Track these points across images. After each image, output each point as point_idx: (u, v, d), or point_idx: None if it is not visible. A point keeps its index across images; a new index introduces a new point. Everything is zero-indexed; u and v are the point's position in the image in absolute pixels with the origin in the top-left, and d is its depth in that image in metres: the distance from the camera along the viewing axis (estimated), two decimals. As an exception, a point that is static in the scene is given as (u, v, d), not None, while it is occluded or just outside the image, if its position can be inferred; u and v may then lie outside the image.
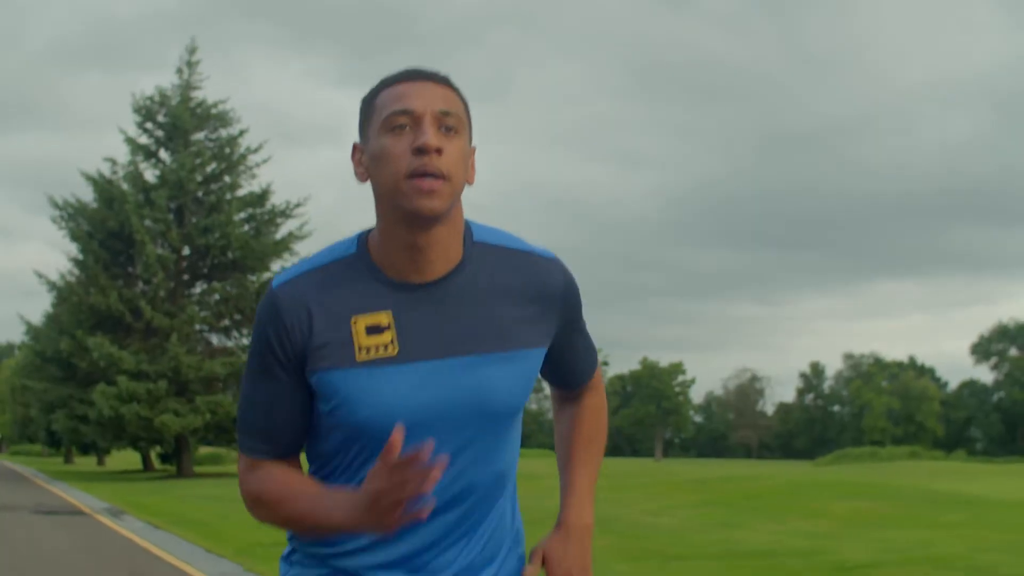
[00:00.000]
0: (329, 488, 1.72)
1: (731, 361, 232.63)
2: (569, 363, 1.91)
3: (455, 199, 1.68)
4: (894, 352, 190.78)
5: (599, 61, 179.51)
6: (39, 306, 36.44)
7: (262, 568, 10.82)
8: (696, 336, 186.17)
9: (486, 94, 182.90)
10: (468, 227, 1.77)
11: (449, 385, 1.69)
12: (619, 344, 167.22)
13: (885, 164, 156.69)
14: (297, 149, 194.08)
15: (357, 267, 1.73)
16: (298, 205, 35.97)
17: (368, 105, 1.73)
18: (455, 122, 1.67)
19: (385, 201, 1.68)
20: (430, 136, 1.63)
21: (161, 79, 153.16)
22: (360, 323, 1.69)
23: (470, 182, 1.72)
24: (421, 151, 1.63)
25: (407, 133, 1.65)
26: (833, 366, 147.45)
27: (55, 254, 36.05)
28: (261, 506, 1.78)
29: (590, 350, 1.96)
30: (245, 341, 35.55)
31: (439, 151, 1.64)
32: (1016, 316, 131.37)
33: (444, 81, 1.71)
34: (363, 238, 1.77)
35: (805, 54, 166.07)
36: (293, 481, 1.76)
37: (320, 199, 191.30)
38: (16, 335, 43.17)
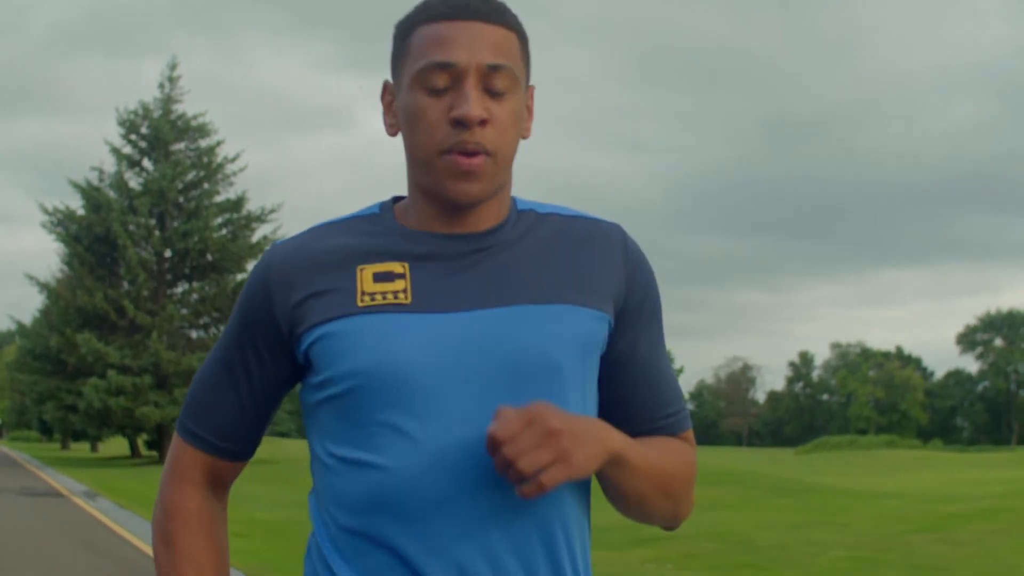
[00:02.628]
0: None
1: (734, 348, 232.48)
2: (642, 383, 1.48)
3: (500, 176, 1.39)
4: (897, 341, 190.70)
5: (604, 47, 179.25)
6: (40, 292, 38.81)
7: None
8: (698, 323, 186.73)
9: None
10: (513, 199, 1.49)
11: (472, 337, 1.36)
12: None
13: (890, 151, 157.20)
14: (301, 134, 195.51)
15: (374, 222, 1.46)
16: (272, 211, 38.89)
17: (402, 39, 1.41)
18: (506, 83, 1.36)
19: (416, 167, 1.40)
20: (472, 105, 1.33)
21: (160, 64, 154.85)
22: (367, 271, 1.39)
23: (525, 136, 1.43)
24: (461, 124, 1.33)
25: (445, 96, 1.35)
26: (823, 355, 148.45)
27: (55, 244, 38.43)
28: (160, 539, 1.51)
29: (674, 382, 1.52)
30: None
31: (483, 123, 1.34)
32: (1002, 306, 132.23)
33: (498, 18, 1.37)
34: (387, 203, 1.49)
35: (810, 40, 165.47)
36: (200, 548, 1.49)
37: (325, 184, 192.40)
38: (13, 323, 45.91)
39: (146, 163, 38.70)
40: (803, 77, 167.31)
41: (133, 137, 38.42)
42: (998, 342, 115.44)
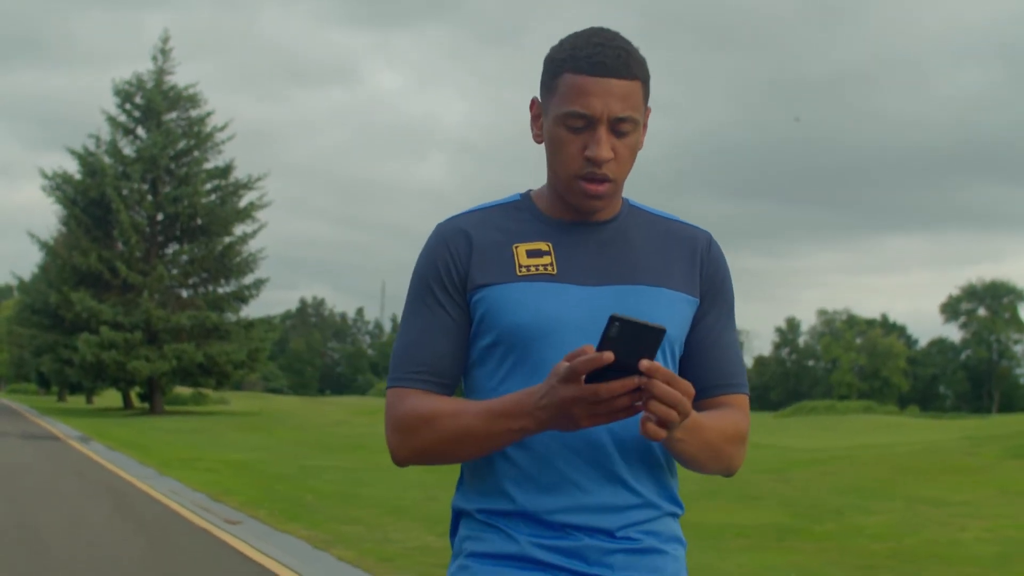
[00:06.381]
0: (495, 397, 1.71)
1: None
2: (710, 353, 1.83)
3: (618, 192, 1.79)
4: (898, 308, 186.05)
5: (611, 2, 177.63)
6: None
7: (175, 474, 15.68)
8: None
9: (500, 37, 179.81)
10: (626, 199, 1.86)
11: (605, 307, 1.70)
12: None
13: (896, 116, 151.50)
14: (307, 89, 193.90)
15: (519, 209, 1.84)
16: (259, 178, 41.30)
17: (550, 77, 1.75)
18: (629, 126, 1.71)
19: (554, 178, 1.78)
20: (603, 148, 1.69)
21: (163, 16, 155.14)
22: (521, 248, 1.77)
23: (639, 148, 1.78)
24: (592, 162, 1.71)
25: (582, 134, 1.71)
26: (809, 322, 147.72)
27: (55, 205, 40.71)
28: (423, 424, 1.73)
29: (737, 358, 1.86)
30: (213, 290, 40.95)
31: (609, 160, 1.71)
32: (1000, 276, 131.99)
33: (627, 74, 1.71)
34: (527, 192, 1.87)
35: (818, 0, 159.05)
36: (456, 400, 1.77)
37: (327, 139, 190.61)
38: (14, 278, 48.36)
39: (139, 131, 41.14)
40: (809, 39, 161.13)
41: (127, 106, 40.92)
42: (981, 312, 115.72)
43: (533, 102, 1.81)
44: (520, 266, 1.75)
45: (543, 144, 1.79)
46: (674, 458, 1.76)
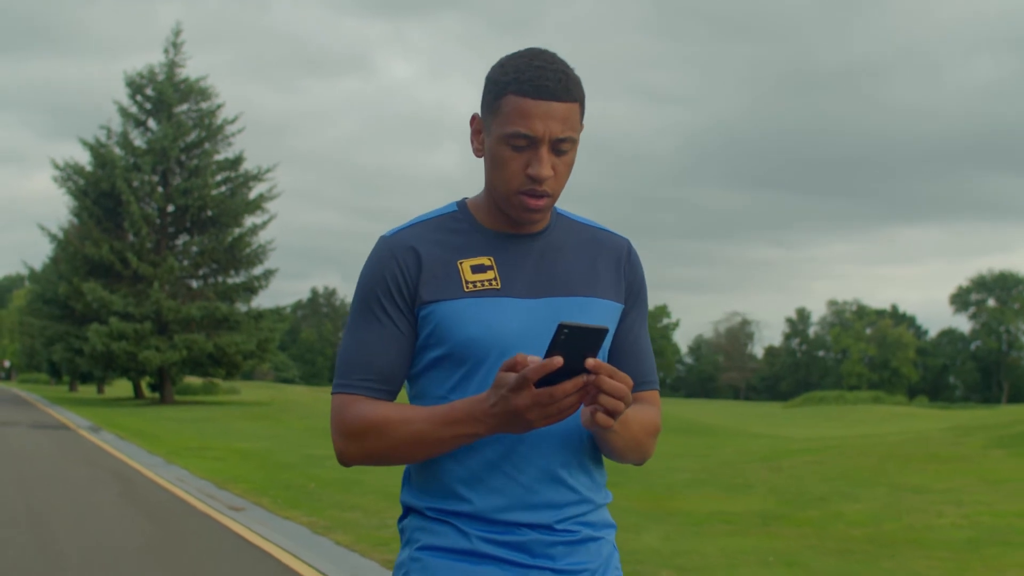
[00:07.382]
0: (443, 404, 1.80)
1: (743, 303, 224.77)
2: (629, 353, 1.97)
3: (553, 205, 1.92)
4: (909, 299, 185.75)
5: None
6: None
7: (182, 462, 16.04)
8: (707, 277, 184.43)
9: (513, 26, 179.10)
10: (554, 208, 1.97)
11: (546, 318, 1.84)
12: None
13: (909, 107, 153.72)
14: (320, 79, 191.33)
15: (458, 220, 1.93)
16: (268, 170, 41.56)
17: (493, 97, 1.84)
18: (568, 145, 1.82)
19: (494, 192, 1.87)
20: (544, 167, 1.80)
21: (176, 5, 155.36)
22: (466, 264, 1.87)
23: (573, 164, 1.89)
24: (534, 179, 1.81)
25: (525, 152, 1.80)
26: (819, 312, 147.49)
27: (65, 196, 41.21)
28: (374, 430, 1.82)
29: (651, 357, 2.02)
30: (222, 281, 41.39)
31: (550, 177, 1.82)
32: (993, 267, 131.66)
33: (567, 97, 1.81)
34: (463, 202, 1.97)
35: None
36: (404, 406, 1.85)
37: (341, 129, 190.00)
38: (25, 268, 48.86)
39: (151, 123, 41.57)
40: (823, 29, 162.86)
41: (139, 98, 41.36)
42: (991, 302, 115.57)
43: (474, 118, 1.91)
44: (467, 282, 1.85)
45: (482, 158, 1.90)
46: (602, 449, 1.88)
